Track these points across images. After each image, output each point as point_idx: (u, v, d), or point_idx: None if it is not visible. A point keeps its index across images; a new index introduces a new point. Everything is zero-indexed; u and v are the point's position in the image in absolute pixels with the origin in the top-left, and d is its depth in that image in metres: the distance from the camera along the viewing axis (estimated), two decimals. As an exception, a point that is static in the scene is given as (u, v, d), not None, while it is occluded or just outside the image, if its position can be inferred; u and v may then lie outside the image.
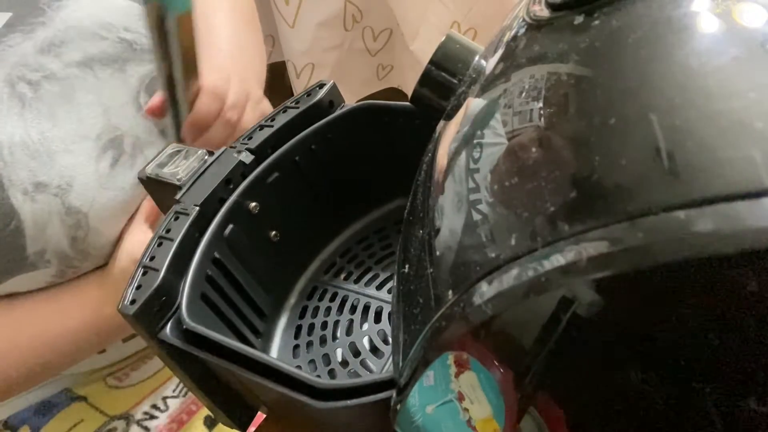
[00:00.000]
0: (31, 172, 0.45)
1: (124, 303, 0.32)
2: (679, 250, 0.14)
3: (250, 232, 0.40)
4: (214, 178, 0.38)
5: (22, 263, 0.46)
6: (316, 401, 0.27)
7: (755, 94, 0.16)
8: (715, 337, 0.15)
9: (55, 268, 0.48)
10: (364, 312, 0.40)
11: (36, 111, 0.46)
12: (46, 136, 0.46)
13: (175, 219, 0.36)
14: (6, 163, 0.44)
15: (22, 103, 0.46)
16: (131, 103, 0.51)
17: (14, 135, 0.45)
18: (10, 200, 0.44)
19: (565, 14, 0.21)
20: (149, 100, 0.50)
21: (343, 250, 0.46)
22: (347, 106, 0.44)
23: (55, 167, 0.46)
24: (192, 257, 0.35)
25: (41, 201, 0.45)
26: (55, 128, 0.47)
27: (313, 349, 0.39)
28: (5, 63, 0.46)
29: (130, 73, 0.51)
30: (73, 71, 0.49)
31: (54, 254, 0.47)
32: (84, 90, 0.49)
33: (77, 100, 0.48)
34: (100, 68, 0.50)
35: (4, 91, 0.45)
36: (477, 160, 0.21)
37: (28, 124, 0.45)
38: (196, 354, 0.31)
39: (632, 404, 0.17)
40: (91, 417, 0.55)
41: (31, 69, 0.47)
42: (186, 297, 0.33)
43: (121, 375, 0.58)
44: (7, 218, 0.44)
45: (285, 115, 0.42)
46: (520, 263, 0.17)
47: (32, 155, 0.45)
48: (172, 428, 0.55)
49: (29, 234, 0.45)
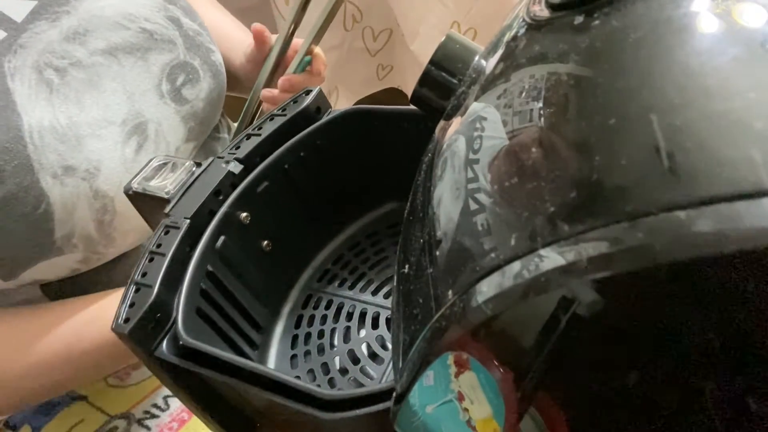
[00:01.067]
0: (60, 156, 0.46)
1: (117, 322, 0.32)
2: (679, 250, 0.14)
3: (243, 243, 0.39)
4: (204, 190, 0.38)
5: (49, 247, 0.47)
6: (324, 413, 0.26)
7: (755, 94, 0.16)
8: (715, 337, 0.15)
9: (81, 253, 0.49)
10: (360, 318, 0.40)
11: (63, 96, 0.47)
12: (74, 121, 0.47)
13: (165, 233, 0.36)
14: (36, 147, 0.44)
15: (49, 89, 0.47)
16: (153, 90, 0.53)
17: (43, 119, 0.45)
18: (40, 183, 0.44)
19: (565, 14, 0.21)
20: (170, 88, 0.53)
21: (335, 257, 0.45)
22: (335, 111, 0.44)
23: (83, 152, 0.47)
24: (184, 272, 0.35)
25: (70, 184, 0.46)
26: (83, 113, 0.48)
27: (311, 358, 0.39)
28: (33, 50, 0.47)
29: (152, 62, 0.53)
30: (97, 59, 0.50)
31: (81, 238, 0.48)
32: (109, 77, 0.50)
33: (102, 86, 0.50)
34: (124, 56, 0.51)
35: (32, 77, 0.46)
36: (477, 160, 0.21)
37: (57, 109, 0.46)
38: (194, 370, 0.31)
39: (632, 404, 0.17)
40: (91, 416, 0.55)
41: (58, 56, 0.48)
42: (181, 312, 0.33)
43: (122, 374, 0.58)
44: (37, 201, 0.44)
45: (272, 123, 0.42)
46: (520, 263, 0.17)
47: (61, 139, 0.46)
48: (172, 427, 0.55)
49: (58, 217, 0.46)
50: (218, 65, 0.59)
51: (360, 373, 0.37)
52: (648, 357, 0.16)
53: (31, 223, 0.45)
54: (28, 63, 0.46)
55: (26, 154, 0.44)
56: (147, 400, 0.56)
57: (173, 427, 0.55)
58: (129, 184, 0.40)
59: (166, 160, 0.42)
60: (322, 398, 0.27)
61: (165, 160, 0.42)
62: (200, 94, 0.56)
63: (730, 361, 0.15)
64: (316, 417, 0.27)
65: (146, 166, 0.41)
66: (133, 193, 0.40)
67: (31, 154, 0.44)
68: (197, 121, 0.57)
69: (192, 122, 0.56)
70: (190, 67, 0.55)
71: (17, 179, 0.43)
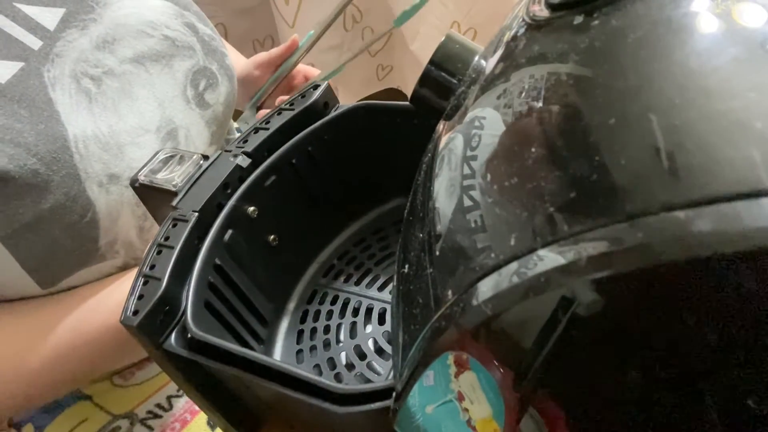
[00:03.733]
0: (105, 165, 0.46)
1: (126, 314, 0.31)
2: (678, 250, 0.14)
3: (250, 237, 0.39)
4: (212, 183, 0.38)
5: (94, 254, 0.47)
6: (339, 407, 0.26)
7: (755, 94, 0.16)
8: (714, 337, 0.15)
9: (122, 259, 0.49)
10: (367, 314, 0.40)
11: (102, 105, 0.48)
12: (114, 129, 0.47)
13: (173, 226, 0.36)
14: (82, 157, 0.45)
15: (88, 98, 0.47)
16: (180, 96, 0.53)
17: (86, 129, 0.46)
18: (87, 192, 0.45)
19: (565, 14, 0.21)
20: (194, 94, 0.54)
21: (340, 253, 0.45)
22: (343, 106, 0.43)
23: (125, 159, 0.47)
24: (192, 265, 0.34)
25: (115, 192, 0.46)
26: (121, 122, 0.48)
27: (317, 354, 0.39)
28: (68, 58, 0.47)
29: (176, 68, 0.54)
30: (127, 67, 0.50)
31: (123, 245, 0.48)
32: (139, 85, 0.51)
33: (135, 94, 0.50)
34: (151, 64, 0.52)
35: (72, 87, 0.46)
36: (476, 160, 0.21)
37: (97, 118, 0.47)
38: (204, 364, 0.31)
39: (632, 404, 0.17)
40: (95, 416, 0.55)
41: (91, 65, 0.48)
42: (191, 305, 0.32)
43: (126, 374, 0.58)
44: (84, 210, 0.45)
45: (280, 118, 0.42)
46: (520, 263, 0.17)
47: (104, 148, 0.46)
48: (175, 428, 0.55)
49: (103, 225, 0.46)
50: (232, 69, 0.59)
51: (367, 369, 0.37)
52: (648, 357, 0.16)
53: (78, 232, 0.45)
54: (66, 72, 0.46)
55: (73, 163, 0.44)
56: (150, 399, 0.56)
57: (176, 428, 0.55)
58: (135, 176, 0.40)
59: (173, 152, 0.42)
60: (336, 392, 0.26)
61: (172, 153, 0.42)
62: (219, 98, 0.57)
63: (730, 361, 0.15)
64: (331, 411, 0.26)
65: (153, 159, 0.41)
66: (139, 185, 0.40)
67: (77, 164, 0.44)
68: (218, 125, 0.57)
69: (214, 126, 0.57)
70: (209, 72, 0.56)
71: (65, 189, 0.44)
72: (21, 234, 0.43)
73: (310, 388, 0.27)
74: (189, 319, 0.32)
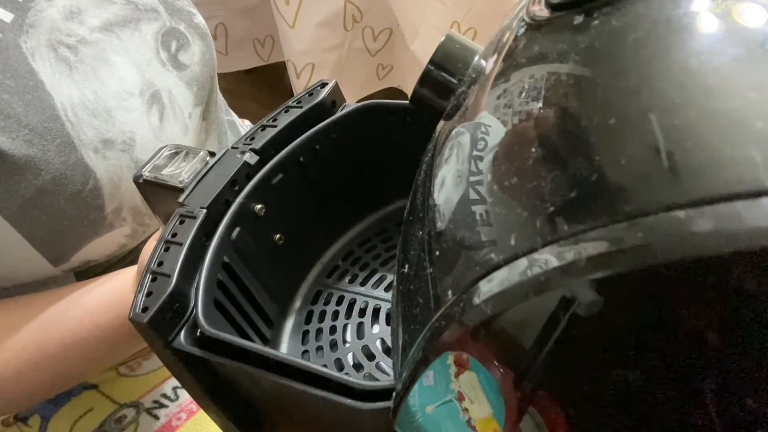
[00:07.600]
0: (97, 131, 0.46)
1: (135, 311, 0.31)
2: (678, 250, 0.14)
3: (257, 235, 0.39)
4: (219, 180, 0.37)
5: (101, 223, 0.48)
6: (363, 403, 0.26)
7: (755, 94, 0.16)
8: (714, 337, 0.15)
9: (130, 226, 0.50)
10: (374, 314, 0.40)
11: (83, 73, 0.48)
12: (99, 95, 0.48)
13: (181, 222, 0.35)
14: (73, 124, 0.45)
15: (69, 67, 0.47)
16: (155, 59, 0.54)
17: (72, 96, 0.46)
18: (84, 160, 0.45)
19: (565, 14, 0.21)
20: (168, 56, 0.54)
21: (345, 253, 0.45)
22: (350, 105, 0.43)
23: (116, 124, 0.48)
24: (199, 262, 0.34)
25: (112, 157, 0.47)
26: (104, 87, 0.49)
27: (324, 354, 0.38)
28: (42, 29, 0.47)
29: (144, 32, 0.54)
30: (98, 36, 0.51)
31: (129, 210, 0.49)
32: (114, 51, 0.51)
33: (111, 60, 0.50)
34: (120, 30, 0.52)
35: (51, 56, 0.47)
36: (476, 160, 0.21)
37: (80, 85, 0.47)
38: (215, 362, 0.30)
39: (632, 404, 0.17)
40: (101, 405, 0.55)
41: (65, 34, 0.48)
42: (201, 303, 0.32)
43: (133, 364, 0.58)
44: (84, 178, 0.45)
45: (287, 115, 0.41)
46: (520, 263, 0.17)
47: (93, 114, 0.47)
48: (180, 418, 0.55)
49: (106, 192, 0.47)
50: (203, 27, 0.59)
51: (375, 369, 0.36)
52: (648, 357, 0.16)
53: (83, 200, 0.45)
54: (42, 42, 0.47)
55: (65, 131, 0.44)
56: (156, 389, 0.57)
57: (182, 418, 0.55)
58: (139, 171, 0.39)
59: (178, 149, 0.41)
60: (361, 389, 0.26)
61: (177, 149, 0.41)
62: (194, 58, 0.57)
63: (730, 361, 0.15)
64: (355, 408, 0.26)
65: (157, 155, 0.40)
66: (143, 182, 0.39)
67: (69, 131, 0.44)
68: (199, 85, 0.57)
69: (195, 87, 0.57)
70: (178, 33, 0.56)
71: (62, 158, 0.44)
72: (26, 210, 0.43)
73: (331, 385, 0.27)
74: (200, 316, 0.31)
